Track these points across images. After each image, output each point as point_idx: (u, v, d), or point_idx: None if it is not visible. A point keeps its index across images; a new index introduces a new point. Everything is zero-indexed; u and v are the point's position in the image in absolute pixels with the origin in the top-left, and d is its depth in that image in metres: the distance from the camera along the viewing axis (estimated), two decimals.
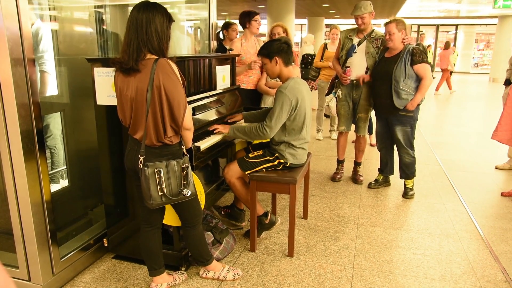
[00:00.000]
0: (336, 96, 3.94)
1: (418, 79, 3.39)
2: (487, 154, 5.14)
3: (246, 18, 3.78)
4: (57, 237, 2.22)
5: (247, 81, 3.84)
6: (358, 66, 3.70)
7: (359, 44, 3.69)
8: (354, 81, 3.75)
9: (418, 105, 3.48)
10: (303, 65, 6.55)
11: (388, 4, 12.95)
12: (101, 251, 2.59)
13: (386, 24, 3.41)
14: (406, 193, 3.69)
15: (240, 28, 4.22)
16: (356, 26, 3.74)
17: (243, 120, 3.00)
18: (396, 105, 3.41)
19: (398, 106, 3.41)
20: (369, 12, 3.57)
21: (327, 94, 4.16)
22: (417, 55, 3.32)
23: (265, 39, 4.79)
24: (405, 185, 3.74)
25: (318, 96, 5.78)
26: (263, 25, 4.24)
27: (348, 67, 3.72)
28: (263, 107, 3.61)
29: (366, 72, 3.68)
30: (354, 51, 3.70)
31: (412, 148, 3.60)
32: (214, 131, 2.61)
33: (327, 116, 6.12)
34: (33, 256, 2.10)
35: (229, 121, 2.93)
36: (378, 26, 3.54)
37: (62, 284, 2.30)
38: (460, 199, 3.66)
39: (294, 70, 2.69)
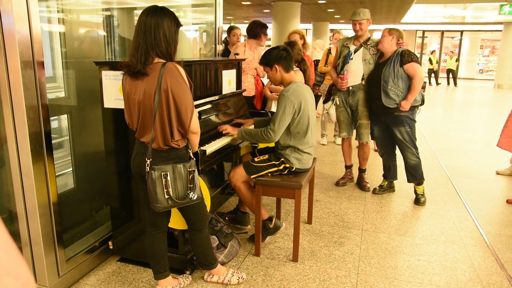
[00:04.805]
0: (334, 103, 3.98)
1: (410, 80, 3.43)
2: (492, 161, 5.11)
3: (262, 29, 3.77)
4: (63, 239, 2.23)
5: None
6: (355, 72, 3.73)
7: (355, 51, 3.74)
8: (350, 88, 3.77)
9: (416, 107, 3.50)
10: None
11: (394, 9, 12.96)
12: (106, 253, 2.60)
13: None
14: (418, 200, 3.66)
15: (243, 31, 4.19)
16: (353, 34, 3.81)
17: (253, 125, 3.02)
18: (384, 103, 3.45)
19: (386, 105, 3.46)
20: (367, 19, 3.64)
21: (325, 102, 4.18)
22: (406, 55, 3.40)
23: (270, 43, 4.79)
24: (416, 191, 3.71)
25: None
26: (267, 30, 4.24)
27: (346, 71, 3.75)
28: (268, 111, 3.63)
29: (362, 79, 3.71)
30: (351, 57, 3.74)
31: (415, 147, 3.59)
32: (223, 132, 2.62)
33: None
34: (39, 258, 2.11)
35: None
36: (381, 31, 3.63)
37: (68, 286, 2.30)
38: (465, 206, 3.64)
39: (296, 75, 2.71)
